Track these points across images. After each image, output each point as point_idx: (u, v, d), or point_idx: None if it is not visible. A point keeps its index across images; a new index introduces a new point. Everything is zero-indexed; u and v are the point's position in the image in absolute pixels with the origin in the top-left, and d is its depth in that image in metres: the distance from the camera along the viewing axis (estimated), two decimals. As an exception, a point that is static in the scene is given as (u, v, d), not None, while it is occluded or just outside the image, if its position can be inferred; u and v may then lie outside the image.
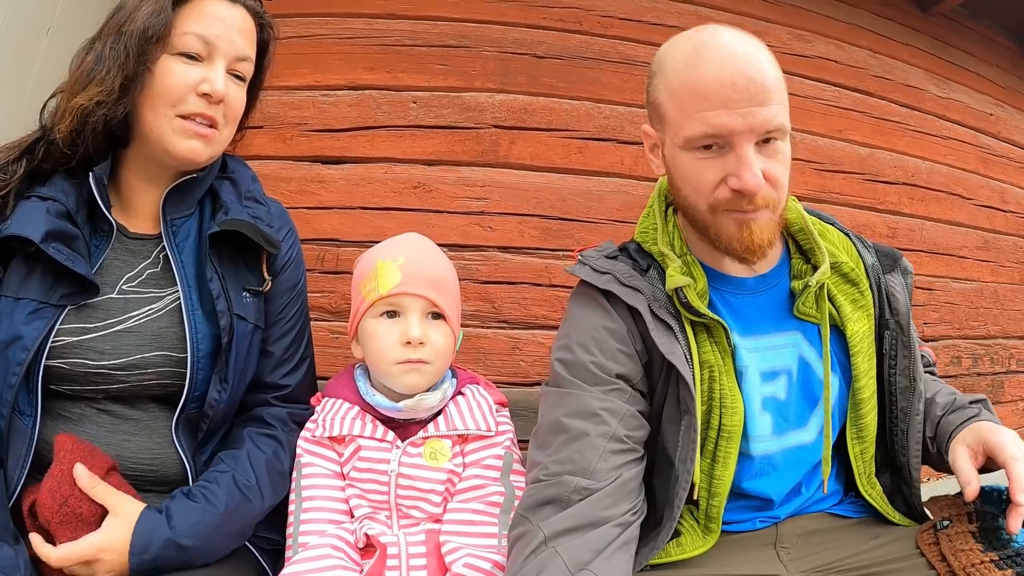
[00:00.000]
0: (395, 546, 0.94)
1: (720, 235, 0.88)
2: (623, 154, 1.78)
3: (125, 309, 0.93)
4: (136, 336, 0.92)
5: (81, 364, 0.89)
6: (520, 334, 1.67)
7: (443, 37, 1.78)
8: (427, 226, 1.61)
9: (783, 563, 0.93)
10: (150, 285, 0.95)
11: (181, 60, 0.92)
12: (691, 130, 0.85)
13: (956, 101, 2.41)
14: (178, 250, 0.97)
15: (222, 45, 0.94)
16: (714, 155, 0.85)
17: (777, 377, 0.95)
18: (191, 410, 0.95)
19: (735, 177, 0.83)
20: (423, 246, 1.08)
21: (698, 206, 0.89)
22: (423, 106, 1.74)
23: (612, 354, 0.92)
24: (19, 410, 0.87)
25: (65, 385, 0.90)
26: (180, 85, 0.91)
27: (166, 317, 0.94)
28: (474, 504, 0.97)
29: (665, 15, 1.90)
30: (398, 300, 1.00)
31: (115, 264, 0.95)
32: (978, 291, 2.33)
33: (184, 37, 0.91)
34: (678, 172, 0.91)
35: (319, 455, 1.01)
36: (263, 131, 1.71)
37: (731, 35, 0.86)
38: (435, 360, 1.01)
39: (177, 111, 0.92)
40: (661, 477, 0.96)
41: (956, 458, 0.87)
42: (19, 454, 0.87)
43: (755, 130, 0.82)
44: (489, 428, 1.01)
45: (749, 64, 0.83)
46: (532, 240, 1.71)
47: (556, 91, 1.79)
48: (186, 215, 1.00)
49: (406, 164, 1.71)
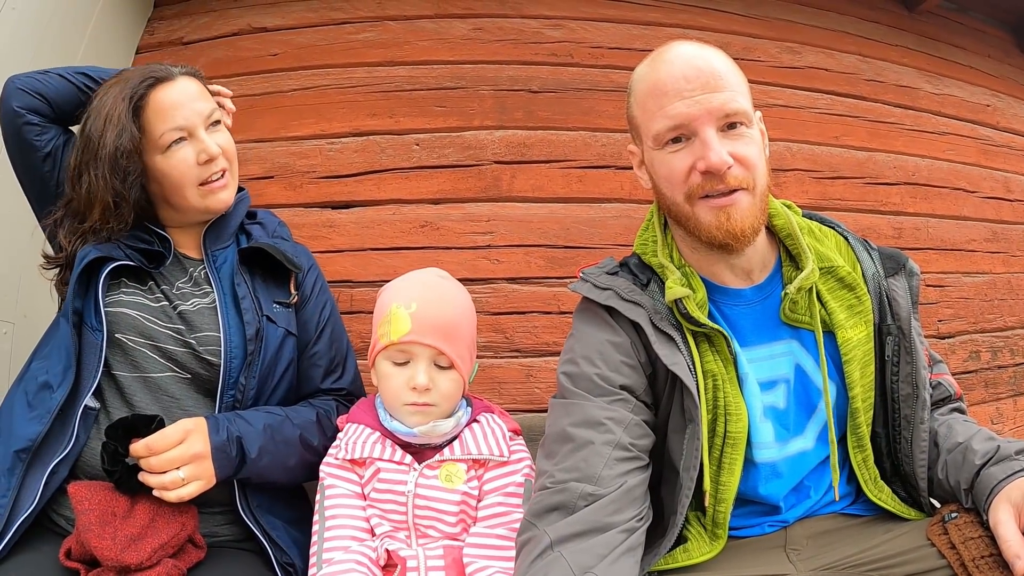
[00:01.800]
0: (414, 559, 0.99)
1: (700, 226, 0.92)
2: (622, 179, 1.82)
3: (172, 300, 1.11)
4: (180, 317, 1.10)
5: (147, 319, 1.07)
6: (533, 362, 1.71)
7: (441, 80, 1.85)
8: (436, 263, 1.65)
9: (792, 563, 0.93)
10: (196, 286, 1.14)
11: (172, 151, 1.09)
12: (656, 127, 0.91)
13: (951, 96, 2.41)
14: (218, 272, 1.15)
15: (193, 118, 1.10)
16: (682, 146, 0.91)
17: (776, 386, 0.97)
18: (228, 399, 1.08)
19: (702, 160, 0.89)
20: (438, 291, 1.11)
21: (676, 199, 0.93)
22: (425, 147, 1.81)
23: (616, 366, 0.95)
24: (89, 324, 1.05)
25: (129, 335, 1.06)
26: (186, 170, 1.10)
27: (204, 311, 1.11)
28: (499, 530, 1.01)
29: (653, 41, 1.91)
30: (407, 348, 1.06)
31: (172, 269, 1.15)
32: (991, 283, 2.31)
33: (164, 136, 1.08)
34: (655, 174, 0.96)
35: (341, 477, 1.07)
36: (274, 180, 1.79)
37: (684, 43, 0.95)
38: (441, 403, 1.06)
39: (196, 183, 1.11)
40: (667, 486, 0.98)
41: (999, 520, 0.80)
42: (91, 366, 1.03)
43: (713, 114, 0.88)
44: (502, 453, 1.06)
45: (697, 58, 0.91)
46: (539, 270, 1.75)
47: (553, 123, 1.84)
48: (224, 247, 1.18)
49: (412, 204, 1.77)
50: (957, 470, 0.91)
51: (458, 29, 1.90)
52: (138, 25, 1.94)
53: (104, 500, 0.93)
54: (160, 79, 1.10)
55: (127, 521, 0.92)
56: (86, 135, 1.06)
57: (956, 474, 0.91)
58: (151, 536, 0.91)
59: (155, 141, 1.08)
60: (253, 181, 1.78)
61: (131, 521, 0.92)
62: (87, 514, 0.90)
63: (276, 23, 1.91)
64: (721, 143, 0.88)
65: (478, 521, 1.04)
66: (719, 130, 0.89)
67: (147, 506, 0.95)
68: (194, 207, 1.12)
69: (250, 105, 1.80)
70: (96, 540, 0.88)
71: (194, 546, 0.99)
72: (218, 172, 1.12)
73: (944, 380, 1.05)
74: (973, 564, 0.80)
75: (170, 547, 0.93)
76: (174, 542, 0.94)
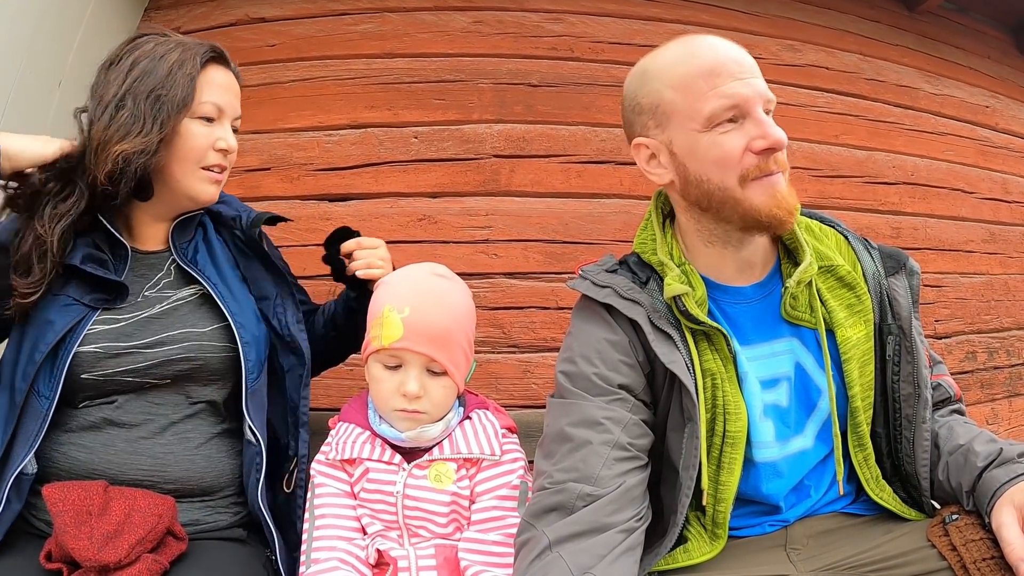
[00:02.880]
0: (405, 559, 0.98)
1: (752, 207, 0.90)
2: (621, 175, 1.82)
3: (149, 305, 1.08)
4: (158, 321, 1.07)
5: (113, 348, 1.02)
6: (530, 357, 1.70)
7: (440, 72, 1.84)
8: (433, 257, 1.64)
9: (793, 563, 0.93)
10: (167, 289, 1.11)
11: (201, 123, 1.09)
12: (712, 106, 0.89)
13: (950, 96, 2.41)
14: (192, 263, 1.13)
15: (228, 109, 1.13)
16: (734, 128, 0.89)
17: (778, 384, 0.97)
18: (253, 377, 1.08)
19: (760, 138, 0.88)
20: (434, 294, 1.06)
21: (726, 183, 0.90)
22: (424, 140, 1.79)
23: (614, 365, 0.94)
24: (37, 391, 0.98)
25: (97, 371, 1.01)
26: (204, 145, 1.09)
27: (185, 305, 1.10)
28: (493, 535, 1.00)
29: (654, 36, 1.93)
30: (399, 354, 1.02)
31: (135, 279, 1.11)
32: (988, 284, 2.32)
33: (203, 105, 1.09)
34: (699, 158, 0.91)
35: (331, 476, 1.06)
36: (271, 172, 1.77)
37: (708, 35, 0.95)
38: (431, 410, 1.03)
39: (200, 164, 1.10)
40: (667, 485, 0.97)
41: (1003, 523, 0.79)
42: (30, 433, 0.97)
43: (762, 96, 0.90)
44: (493, 452, 1.04)
45: (734, 47, 0.92)
46: (537, 265, 1.74)
47: (552, 118, 1.83)
48: (189, 239, 1.17)
49: (410, 198, 1.76)
50: (958, 472, 0.91)
51: (458, 22, 1.89)
52: (135, 14, 1.92)
53: (78, 499, 0.91)
54: (222, 57, 1.13)
55: (102, 519, 0.90)
56: (144, 69, 1.04)
57: (957, 476, 0.91)
58: (127, 532, 0.89)
59: (194, 104, 1.08)
60: (250, 173, 1.76)
61: (106, 519, 0.90)
62: (62, 516, 0.89)
63: (274, 13, 1.89)
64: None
65: (472, 524, 1.02)
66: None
67: (122, 502, 0.93)
68: (182, 188, 1.10)
69: (247, 96, 1.73)
70: (72, 541, 0.86)
71: (175, 538, 0.96)
72: (221, 167, 1.13)
73: (944, 381, 1.04)
74: (975, 566, 0.79)
75: (148, 541, 0.91)
76: (152, 536, 0.91)
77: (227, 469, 1.08)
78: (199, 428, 1.07)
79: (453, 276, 1.12)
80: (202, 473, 1.04)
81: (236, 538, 1.07)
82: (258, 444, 1.07)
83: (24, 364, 0.99)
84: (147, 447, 1.02)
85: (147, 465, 1.01)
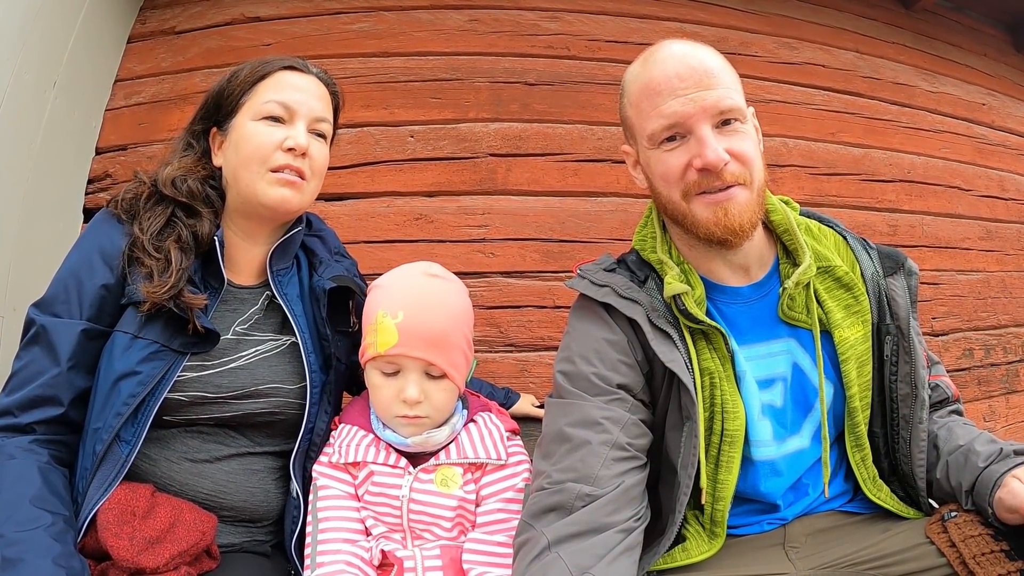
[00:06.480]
0: (411, 559, 0.97)
1: (697, 222, 0.91)
2: (618, 173, 1.82)
3: (237, 349, 1.05)
4: (248, 372, 1.04)
5: (200, 396, 1.00)
6: (528, 356, 1.70)
7: (436, 71, 1.83)
8: (430, 256, 1.63)
9: (791, 561, 0.93)
10: (257, 328, 1.08)
11: (265, 123, 1.05)
12: (652, 127, 0.91)
13: (947, 94, 2.42)
14: (286, 299, 1.09)
15: (301, 108, 1.06)
16: (678, 145, 0.91)
17: (773, 384, 0.97)
18: (305, 442, 1.06)
19: (698, 157, 0.88)
20: (428, 296, 1.03)
21: (672, 197, 0.93)
22: (420, 139, 1.79)
23: (613, 365, 0.94)
24: (120, 438, 0.94)
25: (180, 415, 0.99)
26: (267, 144, 1.03)
27: (275, 356, 1.07)
28: (498, 536, 0.99)
29: (651, 35, 1.93)
30: (396, 360, 1.00)
31: (227, 312, 1.07)
32: (984, 281, 2.32)
33: (266, 104, 1.05)
34: (651, 172, 0.95)
35: (334, 478, 1.04)
36: (267, 172, 1.77)
37: (675, 42, 0.94)
38: (433, 414, 1.02)
39: (268, 166, 1.04)
40: (665, 484, 0.97)
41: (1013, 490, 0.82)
42: (106, 477, 0.93)
43: (707, 111, 0.88)
44: (500, 456, 1.03)
45: (689, 56, 0.91)
46: (534, 264, 1.74)
47: (549, 116, 1.83)
48: (287, 267, 1.13)
49: (407, 197, 1.76)
50: (959, 472, 0.91)
51: (454, 20, 1.89)
52: (130, 14, 1.91)
53: (124, 498, 0.90)
54: (294, 67, 1.10)
55: (146, 522, 0.89)
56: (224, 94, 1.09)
57: (958, 475, 0.91)
58: (170, 542, 0.89)
59: (256, 105, 1.05)
60: (245, 172, 1.76)
61: (150, 523, 0.89)
62: (106, 512, 0.88)
63: (270, 12, 1.89)
64: (717, 140, 0.88)
65: (477, 527, 1.01)
66: (714, 127, 0.89)
67: (168, 509, 0.92)
68: (253, 192, 1.04)
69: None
70: (113, 539, 0.86)
71: (208, 557, 0.95)
72: (294, 169, 1.04)
73: (942, 382, 1.05)
74: (974, 561, 0.80)
75: (188, 556, 0.90)
76: (193, 551, 0.91)
77: (276, 506, 1.08)
78: (263, 462, 1.07)
79: (448, 274, 1.09)
80: (256, 505, 1.04)
81: (262, 552, 1.06)
82: (297, 499, 1.06)
83: (108, 417, 0.93)
84: (211, 471, 1.01)
85: (208, 489, 1.00)
